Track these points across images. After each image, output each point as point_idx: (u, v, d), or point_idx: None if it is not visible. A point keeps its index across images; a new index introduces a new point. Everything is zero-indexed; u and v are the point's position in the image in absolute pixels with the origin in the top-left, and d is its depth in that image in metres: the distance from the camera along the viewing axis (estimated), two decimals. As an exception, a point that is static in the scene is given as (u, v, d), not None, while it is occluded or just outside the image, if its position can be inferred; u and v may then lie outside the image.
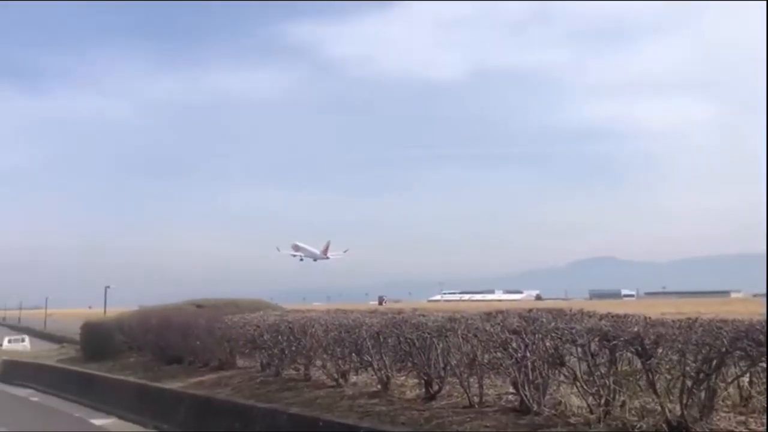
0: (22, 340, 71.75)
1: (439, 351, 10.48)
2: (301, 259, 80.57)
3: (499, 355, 9.55)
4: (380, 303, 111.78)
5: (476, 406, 9.79)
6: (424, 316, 11.96)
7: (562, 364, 8.58)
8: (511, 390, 9.80)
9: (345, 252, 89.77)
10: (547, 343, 8.68)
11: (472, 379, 10.00)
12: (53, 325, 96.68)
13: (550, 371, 8.83)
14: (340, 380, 12.86)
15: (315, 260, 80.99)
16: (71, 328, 70.60)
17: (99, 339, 27.75)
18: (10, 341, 69.56)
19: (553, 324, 8.92)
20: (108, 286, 74.25)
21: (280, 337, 14.62)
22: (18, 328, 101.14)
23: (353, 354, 12.51)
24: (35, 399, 22.84)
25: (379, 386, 11.92)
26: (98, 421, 16.64)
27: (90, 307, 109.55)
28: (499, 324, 9.68)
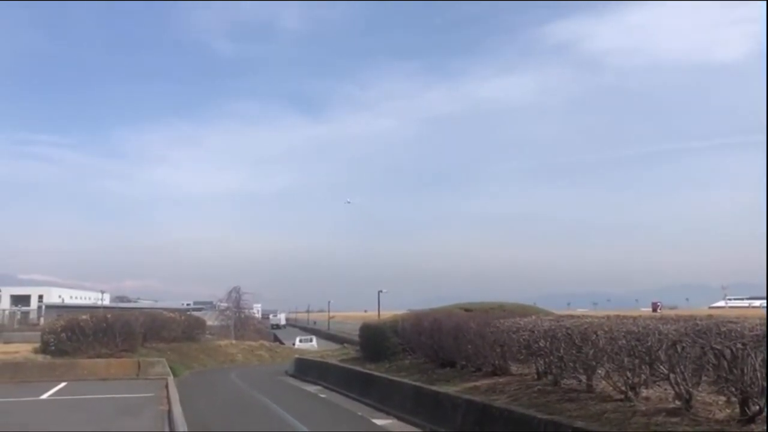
0: (310, 340, 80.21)
1: (757, 364, 8.75)
2: (346, 203, 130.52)
3: None
4: (654, 310, 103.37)
5: (816, 436, 7.96)
6: (733, 322, 10.15)
7: None
8: None
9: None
10: None
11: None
12: (335, 326, 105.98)
13: None
14: (629, 393, 11.54)
15: (349, 203, 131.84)
16: (349, 329, 76.84)
17: (376, 340, 29.21)
18: (301, 341, 78.40)
19: None
20: (381, 291, 78.97)
21: (557, 343, 13.68)
22: (307, 329, 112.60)
23: (644, 365, 11.13)
24: (323, 396, 24.56)
25: (677, 402, 10.40)
26: (379, 421, 17.16)
27: (365, 311, 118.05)
28: None
